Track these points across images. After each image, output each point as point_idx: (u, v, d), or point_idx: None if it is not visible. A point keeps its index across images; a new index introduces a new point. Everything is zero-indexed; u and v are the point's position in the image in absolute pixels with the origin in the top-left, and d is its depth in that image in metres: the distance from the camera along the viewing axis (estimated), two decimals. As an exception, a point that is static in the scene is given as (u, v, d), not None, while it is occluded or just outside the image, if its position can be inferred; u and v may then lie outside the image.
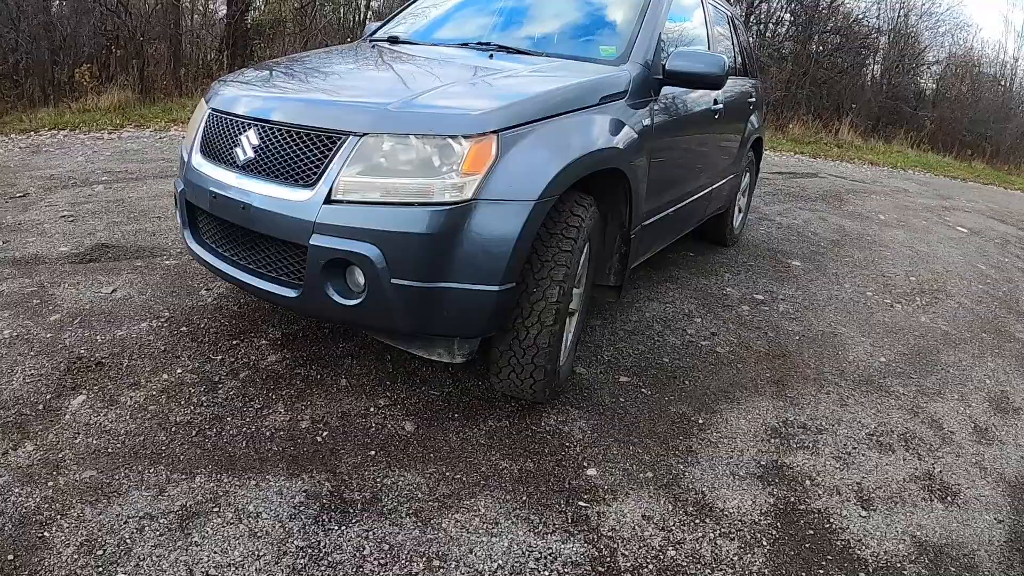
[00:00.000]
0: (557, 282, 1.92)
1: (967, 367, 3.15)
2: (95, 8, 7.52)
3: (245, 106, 2.05)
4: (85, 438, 1.96)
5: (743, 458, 2.15)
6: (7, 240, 3.64)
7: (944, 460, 2.35)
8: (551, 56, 2.53)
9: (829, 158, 9.82)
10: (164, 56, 9.06)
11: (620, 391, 2.48)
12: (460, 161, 1.74)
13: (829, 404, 2.60)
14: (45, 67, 7.28)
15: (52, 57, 7.30)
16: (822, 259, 4.56)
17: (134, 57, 8.27)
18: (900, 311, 3.76)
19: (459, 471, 1.95)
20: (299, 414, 2.17)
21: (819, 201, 6.52)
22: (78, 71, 7.37)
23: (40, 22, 7.19)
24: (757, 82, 4.56)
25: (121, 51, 8.18)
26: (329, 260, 1.79)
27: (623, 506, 1.87)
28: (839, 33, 13.19)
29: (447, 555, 1.63)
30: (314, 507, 1.74)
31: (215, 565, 1.53)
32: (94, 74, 7.75)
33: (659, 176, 2.67)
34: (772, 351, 3.01)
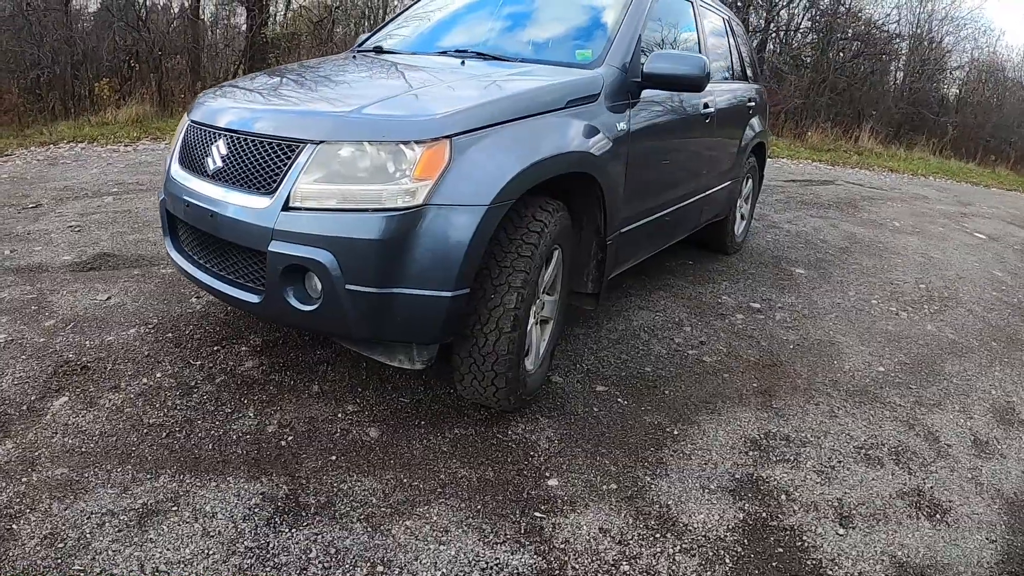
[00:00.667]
0: (515, 288, 1.89)
1: (972, 377, 3.01)
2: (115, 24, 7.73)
3: (218, 117, 2.09)
4: (62, 438, 2.02)
5: (716, 471, 2.07)
6: (15, 249, 3.74)
7: (937, 475, 2.23)
8: (527, 61, 2.51)
9: (848, 166, 9.60)
10: (183, 70, 9.28)
11: (595, 400, 2.41)
12: (412, 166, 1.74)
13: (817, 416, 2.50)
14: (66, 81, 7.50)
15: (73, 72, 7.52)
16: (828, 267, 4.43)
17: (153, 71, 8.47)
18: (905, 319, 3.62)
19: (417, 478, 1.93)
20: (268, 419, 2.18)
21: (832, 208, 6.36)
22: (98, 85, 7.58)
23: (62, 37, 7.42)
24: (759, 87, 4.48)
25: (140, 65, 8.38)
26: (287, 266, 1.81)
27: (581, 518, 1.81)
28: (859, 40, 12.94)
29: (392, 561, 1.62)
30: (268, 509, 1.76)
31: (165, 561, 1.57)
32: (114, 88, 7.96)
33: (640, 181, 2.61)
34: (762, 361, 2.91)
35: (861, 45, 12.87)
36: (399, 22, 3.30)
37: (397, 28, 3.23)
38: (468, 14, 3.05)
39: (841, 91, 12.30)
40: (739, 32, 4.21)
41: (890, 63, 13.81)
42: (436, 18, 3.13)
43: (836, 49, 12.47)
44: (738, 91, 3.89)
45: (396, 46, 2.96)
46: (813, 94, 11.85)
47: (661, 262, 4.08)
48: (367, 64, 2.60)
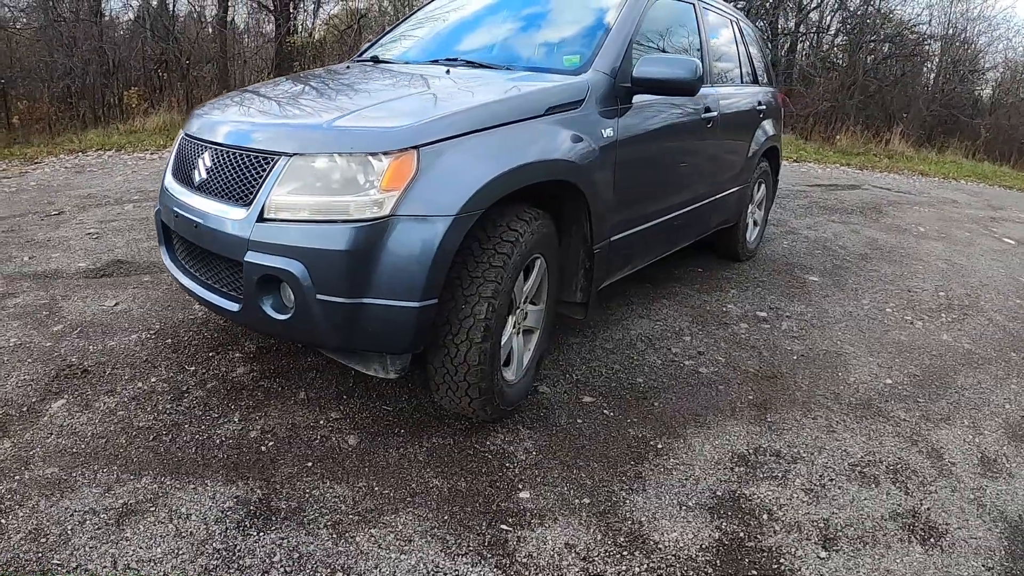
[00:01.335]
0: (485, 299, 1.86)
1: (986, 390, 2.88)
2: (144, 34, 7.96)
3: (205, 130, 2.15)
4: (56, 438, 2.09)
5: (697, 487, 2.01)
6: (33, 256, 3.87)
7: (936, 495, 2.13)
8: (513, 69, 2.49)
9: (877, 169, 9.31)
10: (211, 78, 9.50)
11: (580, 411, 2.37)
12: (379, 177, 1.75)
13: (814, 430, 2.41)
14: (96, 90, 7.75)
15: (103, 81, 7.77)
16: (843, 274, 4.29)
17: (181, 80, 8.69)
18: (920, 329, 3.48)
19: (388, 486, 1.93)
20: (252, 424, 2.22)
21: (855, 213, 6.17)
22: (127, 94, 7.80)
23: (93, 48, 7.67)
24: (772, 90, 4.37)
25: (169, 74, 8.61)
26: (261, 276, 1.84)
27: (548, 532, 1.78)
28: (890, 41, 12.56)
29: (352, 568, 1.63)
30: (240, 512, 1.79)
31: (137, 559, 1.62)
32: (143, 97, 8.19)
33: (632, 188, 2.57)
34: (762, 372, 2.83)
35: (892, 46, 12.50)
36: (397, 32, 3.32)
37: (394, 38, 3.25)
38: (463, 23, 3.06)
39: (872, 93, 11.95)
40: (749, 34, 4.12)
41: (922, 64, 13.37)
42: (432, 27, 3.14)
43: (866, 51, 12.13)
44: (746, 95, 3.80)
45: (390, 55, 2.98)
46: (842, 96, 11.54)
47: (669, 269, 4.01)
48: (356, 75, 2.61)
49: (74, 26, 7.49)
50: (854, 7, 12.37)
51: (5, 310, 3.09)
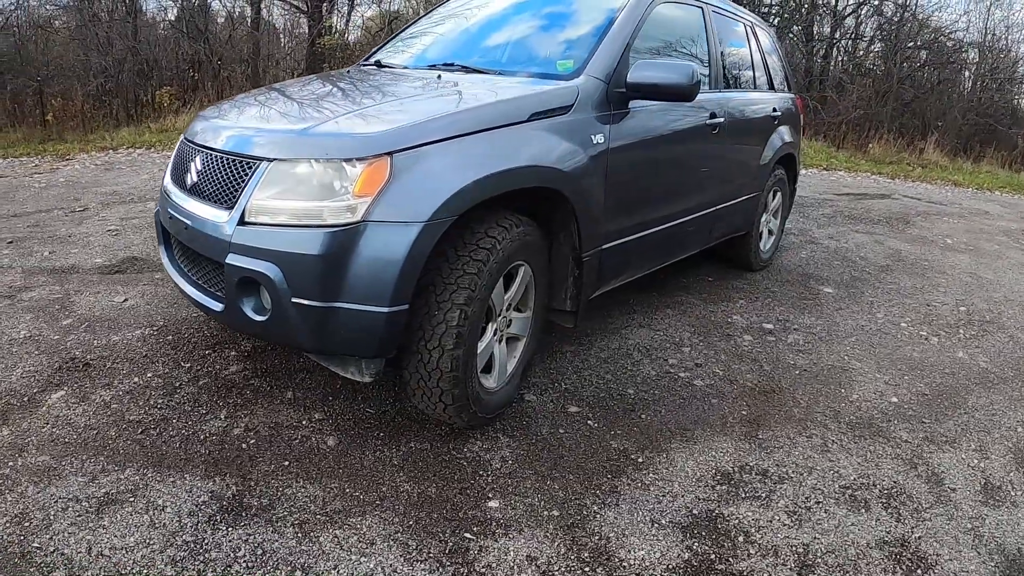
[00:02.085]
0: (458, 305, 1.85)
1: (998, 412, 2.74)
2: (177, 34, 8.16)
3: (199, 135, 2.21)
4: (51, 428, 2.17)
5: (673, 504, 1.96)
6: (53, 251, 4.00)
7: (930, 523, 2.03)
8: (506, 73, 2.47)
9: (909, 179, 8.99)
10: (242, 78, 9.70)
11: (563, 421, 2.34)
12: (353, 183, 1.76)
13: (806, 449, 2.33)
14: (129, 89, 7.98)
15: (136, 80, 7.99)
16: (861, 286, 4.16)
17: (212, 80, 8.89)
18: (935, 345, 3.35)
19: (359, 489, 1.94)
20: (237, 421, 2.25)
21: (881, 224, 5.98)
22: (159, 93, 8.00)
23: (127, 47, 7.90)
24: (790, 96, 4.26)
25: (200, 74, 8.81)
26: (241, 278, 1.87)
27: (511, 543, 1.75)
28: (926, 48, 12.15)
29: (311, 568, 1.64)
30: (213, 507, 1.83)
31: (110, 547, 1.67)
32: (175, 96, 8.40)
33: (626, 195, 2.52)
34: (760, 386, 2.75)
35: (929, 54, 12.08)
36: (403, 37, 3.33)
37: (400, 42, 3.26)
38: (466, 28, 3.05)
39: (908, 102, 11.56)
40: (765, 40, 4.02)
41: (959, 72, 12.89)
42: (435, 32, 3.15)
43: (901, 57, 11.75)
44: (759, 101, 3.71)
45: (393, 60, 3.00)
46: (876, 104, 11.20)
47: (677, 278, 3.94)
48: (349, 80, 2.63)
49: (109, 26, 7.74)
50: (890, 13, 12.01)
51: (20, 303, 3.19)
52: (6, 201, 5.16)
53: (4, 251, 3.98)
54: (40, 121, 7.19)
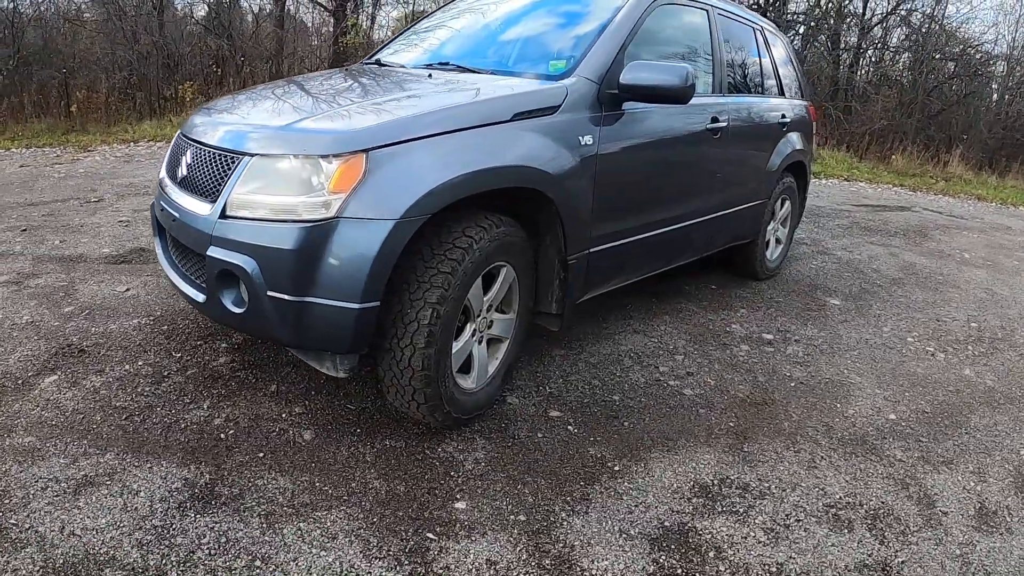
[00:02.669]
0: (431, 304, 1.84)
1: (1001, 433, 2.64)
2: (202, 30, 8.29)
3: (191, 129, 2.25)
4: (41, 411, 2.21)
5: (645, 515, 1.91)
6: (64, 240, 4.08)
7: (916, 547, 1.96)
8: (498, 73, 2.46)
9: (932, 192, 8.77)
10: (265, 75, 9.83)
11: (543, 425, 2.31)
12: (328, 179, 1.76)
13: (792, 464, 2.27)
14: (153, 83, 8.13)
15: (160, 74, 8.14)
16: (869, 298, 4.05)
17: (235, 75, 9.02)
18: (941, 361, 3.24)
19: (329, 483, 1.94)
20: (218, 412, 2.28)
21: (898, 236, 5.83)
22: (182, 87, 8.14)
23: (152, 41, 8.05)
24: (802, 103, 4.17)
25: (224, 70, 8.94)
26: (220, 270, 1.89)
27: (473, 545, 1.73)
28: (953, 60, 11.83)
29: (271, 559, 1.65)
30: (185, 494, 1.85)
31: (82, 527, 1.70)
32: (198, 90, 8.54)
33: (616, 198, 2.48)
34: (752, 398, 2.69)
35: (957, 65, 11.76)
36: (405, 36, 3.33)
37: (400, 42, 3.26)
38: (465, 29, 3.05)
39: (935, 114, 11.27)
40: (776, 44, 3.94)
41: (986, 85, 12.53)
42: (436, 32, 3.14)
43: (928, 69, 11.48)
44: (766, 106, 3.63)
45: (391, 59, 3.01)
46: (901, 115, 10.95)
47: (679, 284, 3.88)
48: (345, 77, 2.64)
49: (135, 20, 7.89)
50: (918, 23, 11.74)
51: (26, 289, 3.26)
52: (25, 190, 5.28)
53: (17, 238, 4.07)
54: (64, 112, 7.37)
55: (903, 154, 10.01)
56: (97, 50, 7.79)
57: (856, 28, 11.56)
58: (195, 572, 1.59)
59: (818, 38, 12.17)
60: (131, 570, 1.58)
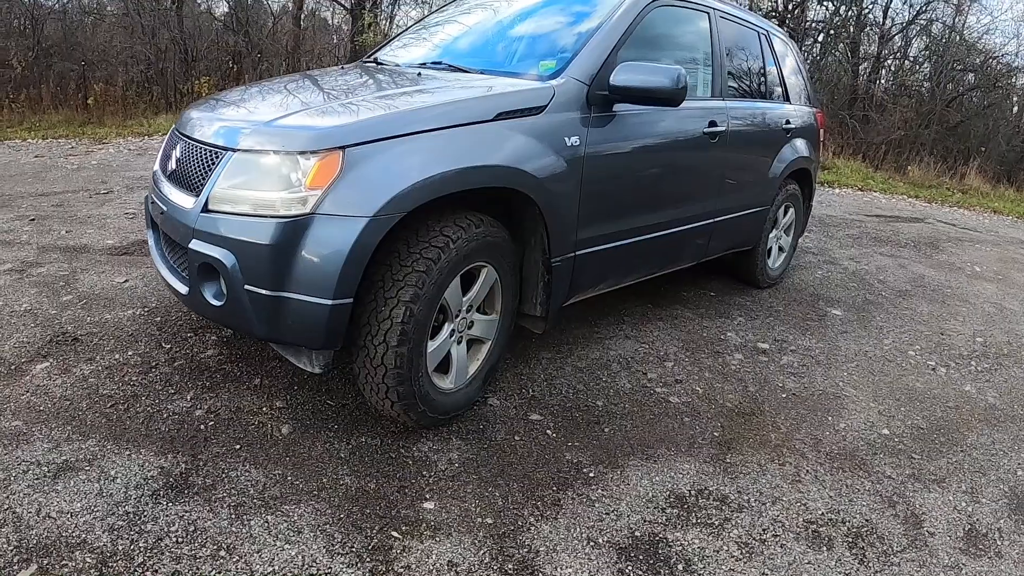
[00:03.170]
0: (404, 303, 1.83)
1: (999, 452, 2.57)
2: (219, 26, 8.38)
3: (183, 124, 2.27)
4: (30, 396, 2.25)
5: (616, 524, 1.88)
6: (71, 230, 4.14)
7: (897, 568, 1.90)
8: (487, 73, 2.45)
9: (947, 204, 8.58)
10: (281, 71, 9.92)
11: (521, 428, 2.28)
12: (306, 176, 1.76)
13: (775, 478, 2.22)
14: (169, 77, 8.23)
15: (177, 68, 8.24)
16: (873, 310, 3.97)
17: (251, 71, 9.10)
18: (941, 376, 3.16)
19: (301, 478, 1.94)
20: (201, 403, 2.29)
21: (908, 247, 5.72)
22: (198, 83, 8.23)
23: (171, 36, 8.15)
24: (807, 109, 4.10)
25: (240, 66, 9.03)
26: (201, 263, 1.90)
27: (436, 546, 1.72)
28: (973, 71, 11.59)
29: (236, 549, 1.66)
30: (160, 482, 1.88)
31: (57, 510, 1.73)
32: (214, 86, 8.63)
33: (604, 200, 2.46)
34: (740, 408, 2.64)
35: (976, 77, 11.52)
36: (404, 36, 3.33)
37: (400, 40, 3.27)
38: (462, 28, 3.04)
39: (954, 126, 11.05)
40: (782, 49, 3.88)
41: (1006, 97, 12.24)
42: (434, 32, 3.15)
43: (947, 79, 11.26)
44: (769, 111, 3.58)
45: (387, 57, 3.01)
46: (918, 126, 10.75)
47: (677, 290, 3.84)
48: (335, 75, 2.65)
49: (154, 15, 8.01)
50: (938, 33, 11.53)
51: (29, 277, 3.30)
52: (38, 180, 5.37)
53: (25, 228, 4.14)
54: (82, 105, 7.49)
55: (920, 165, 9.82)
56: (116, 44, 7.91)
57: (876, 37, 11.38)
58: (161, 559, 1.61)
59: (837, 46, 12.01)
60: (100, 554, 1.61)
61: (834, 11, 11.77)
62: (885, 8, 11.37)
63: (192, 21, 9.03)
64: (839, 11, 11.76)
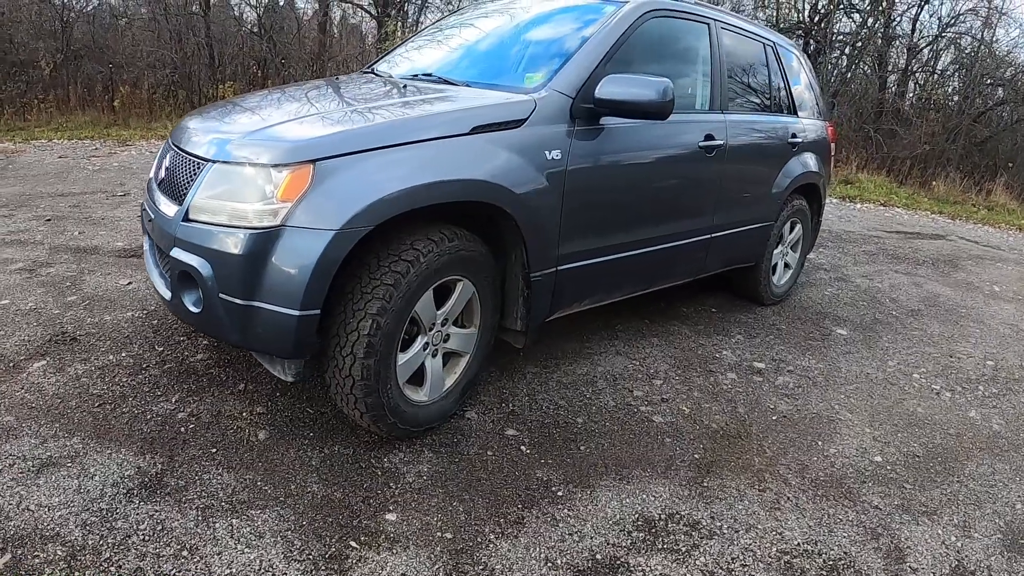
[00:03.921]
0: (371, 315, 1.84)
1: (998, 483, 2.46)
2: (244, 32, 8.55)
3: (175, 134, 2.33)
4: (24, 393, 2.33)
5: (578, 545, 1.85)
6: (83, 231, 4.26)
7: (872, 602, 1.84)
8: (472, 85, 2.45)
9: (971, 221, 8.31)
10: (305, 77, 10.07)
11: (495, 443, 2.27)
12: (277, 188, 1.79)
13: (753, 504, 2.16)
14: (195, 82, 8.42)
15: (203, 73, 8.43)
16: (880, 329, 3.86)
17: (276, 76, 9.26)
18: (946, 401, 3.06)
19: (270, 483, 1.97)
20: (184, 406, 2.34)
21: (926, 265, 5.56)
22: (222, 87, 8.40)
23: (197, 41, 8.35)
24: (817, 122, 4.02)
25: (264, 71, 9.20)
26: (181, 271, 1.94)
27: (393, 558, 1.72)
28: (1002, 85, 11.23)
29: (198, 550, 1.70)
30: (135, 481, 1.93)
31: (36, 504, 1.79)
32: (238, 91, 8.80)
33: (589, 215, 2.43)
34: (726, 429, 2.58)
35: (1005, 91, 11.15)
36: (404, 47, 3.36)
37: (400, 52, 3.29)
38: (458, 41, 3.06)
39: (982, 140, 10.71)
40: (790, 62, 3.80)
41: None
42: (431, 44, 3.16)
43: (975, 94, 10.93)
44: (773, 125, 3.51)
45: (382, 68, 3.05)
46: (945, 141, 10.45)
47: (677, 306, 3.79)
48: (326, 87, 2.68)
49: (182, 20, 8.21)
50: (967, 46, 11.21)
51: (37, 277, 3.40)
52: (59, 181, 5.53)
53: (40, 228, 4.26)
54: (108, 107, 7.71)
55: (945, 181, 9.54)
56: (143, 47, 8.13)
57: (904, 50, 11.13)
58: (127, 555, 1.66)
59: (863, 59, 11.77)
60: (70, 547, 1.66)
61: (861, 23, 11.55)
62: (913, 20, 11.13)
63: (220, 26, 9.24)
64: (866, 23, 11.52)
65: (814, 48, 11.78)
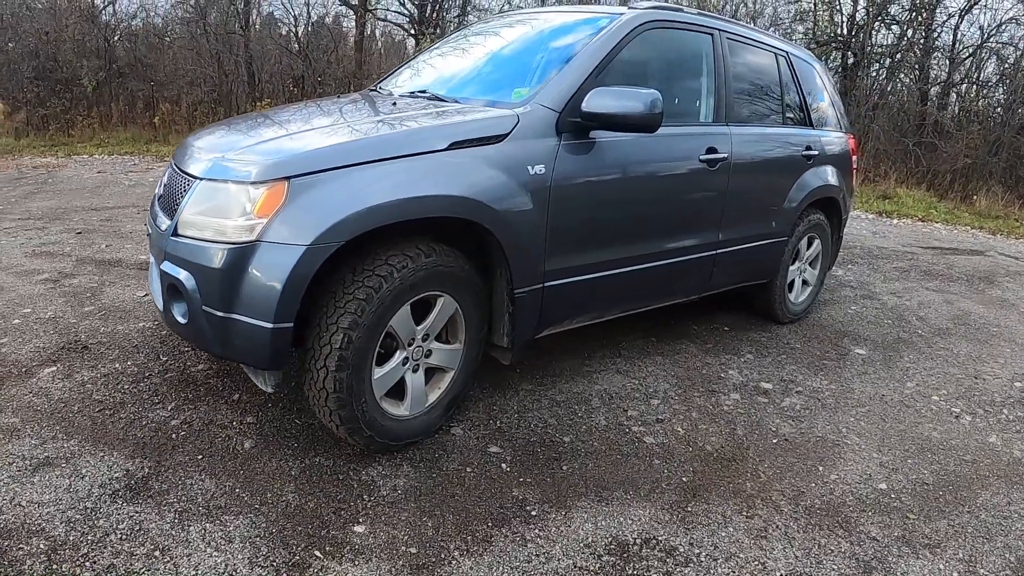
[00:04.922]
0: (343, 329, 1.87)
1: (1012, 515, 2.31)
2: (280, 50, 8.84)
3: (176, 153, 2.45)
4: (32, 397, 2.46)
5: (544, 567, 1.81)
6: (110, 244, 4.45)
7: (856, 640, 1.74)
8: (462, 101, 2.47)
9: (1013, 236, 7.88)
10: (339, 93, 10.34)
11: (476, 460, 2.25)
12: (254, 205, 1.85)
13: (738, 531, 2.08)
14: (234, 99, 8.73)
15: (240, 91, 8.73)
16: (903, 349, 3.70)
17: (311, 94, 9.52)
18: (964, 425, 2.90)
19: (248, 490, 2.01)
20: (179, 414, 2.42)
21: (960, 282, 5.30)
22: (260, 104, 8.68)
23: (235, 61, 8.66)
24: (837, 134, 3.90)
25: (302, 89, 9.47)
26: (169, 283, 2.02)
27: (354, 569, 1.74)
28: None
29: (169, 551, 1.76)
30: (122, 484, 2.00)
31: (28, 500, 1.89)
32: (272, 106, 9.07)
33: (578, 231, 2.41)
34: (721, 452, 2.50)
35: None
36: (408, 65, 3.41)
37: (402, 71, 3.34)
38: (458, 58, 3.10)
39: (1024, 156, 10.18)
40: (804, 72, 3.70)
41: None
42: (434, 60, 3.20)
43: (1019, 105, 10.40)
44: (784, 137, 3.42)
45: (384, 85, 3.12)
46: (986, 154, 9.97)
47: (687, 324, 3.71)
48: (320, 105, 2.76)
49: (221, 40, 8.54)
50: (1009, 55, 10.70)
51: (61, 287, 3.57)
52: (94, 195, 5.80)
53: (71, 240, 4.47)
54: (149, 123, 8.06)
55: (987, 195, 9.09)
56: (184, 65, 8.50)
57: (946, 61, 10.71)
58: (103, 552, 1.73)
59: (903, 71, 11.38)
60: (53, 541, 1.75)
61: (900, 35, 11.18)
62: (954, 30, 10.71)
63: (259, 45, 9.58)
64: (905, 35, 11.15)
65: (853, 61, 11.46)
